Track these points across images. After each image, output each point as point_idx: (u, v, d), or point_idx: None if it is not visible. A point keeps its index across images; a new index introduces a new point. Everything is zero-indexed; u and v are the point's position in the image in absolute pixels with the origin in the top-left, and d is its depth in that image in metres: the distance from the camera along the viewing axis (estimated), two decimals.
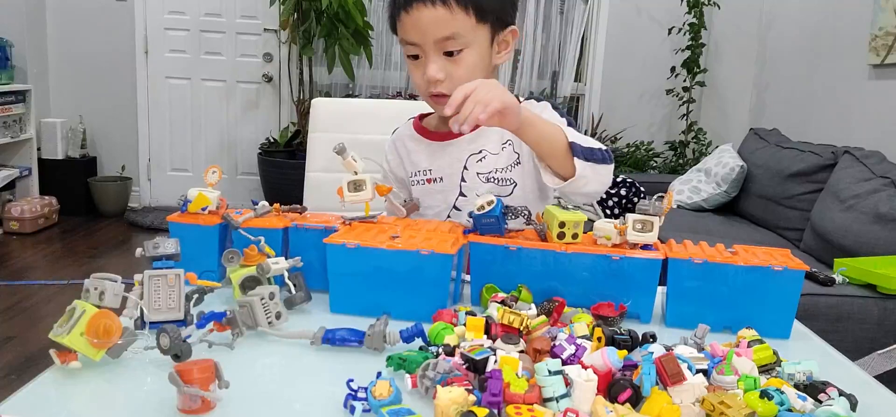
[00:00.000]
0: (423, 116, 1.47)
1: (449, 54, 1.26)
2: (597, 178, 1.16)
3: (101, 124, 5.05)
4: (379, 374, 0.74)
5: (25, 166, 4.62)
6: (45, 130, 4.78)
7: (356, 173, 1.08)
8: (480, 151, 1.37)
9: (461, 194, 1.36)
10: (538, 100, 1.38)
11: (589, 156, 1.15)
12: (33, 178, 4.67)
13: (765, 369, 0.81)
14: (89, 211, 4.90)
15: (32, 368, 2.64)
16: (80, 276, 3.66)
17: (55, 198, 4.65)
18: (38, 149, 4.74)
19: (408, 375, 0.76)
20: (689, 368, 0.75)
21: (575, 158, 1.13)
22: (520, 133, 1.14)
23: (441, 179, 1.37)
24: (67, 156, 4.87)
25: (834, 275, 2.30)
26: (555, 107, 1.35)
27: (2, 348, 2.82)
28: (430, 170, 1.38)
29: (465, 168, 1.36)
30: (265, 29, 4.95)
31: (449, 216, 1.37)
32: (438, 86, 1.26)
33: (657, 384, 0.72)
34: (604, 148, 1.20)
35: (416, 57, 1.29)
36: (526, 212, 1.38)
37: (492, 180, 1.35)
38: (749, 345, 0.84)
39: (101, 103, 5.00)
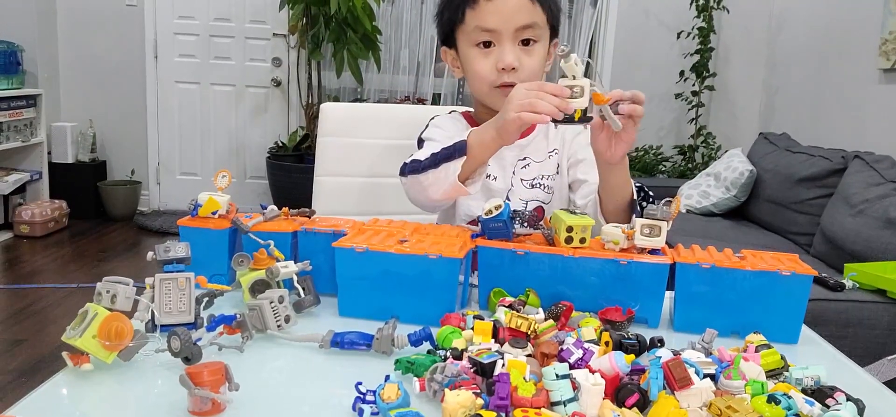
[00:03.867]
0: (466, 115, 1.47)
1: (525, 43, 1.29)
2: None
3: (111, 128, 5.08)
4: (387, 377, 0.74)
5: (36, 170, 4.65)
6: (56, 134, 4.82)
7: (574, 77, 1.03)
8: (525, 158, 1.39)
9: (507, 198, 1.37)
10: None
11: (638, 214, 1.20)
12: (44, 182, 4.71)
13: (772, 374, 0.81)
14: (99, 214, 4.93)
15: (43, 370, 2.66)
16: (89, 280, 3.68)
17: (65, 201, 4.68)
18: (49, 153, 4.78)
19: (416, 378, 0.77)
20: (697, 372, 0.75)
21: (633, 215, 1.19)
22: (618, 163, 1.16)
23: (495, 178, 1.39)
24: (77, 160, 4.91)
25: (844, 281, 2.29)
26: None
27: (12, 350, 2.84)
28: (488, 165, 1.38)
29: (513, 173, 1.39)
30: (274, 33, 4.98)
31: None
32: (511, 74, 1.28)
33: (664, 388, 0.73)
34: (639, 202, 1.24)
35: (487, 45, 1.30)
36: (534, 216, 1.39)
37: (537, 186, 1.38)
38: (757, 350, 0.84)
39: (111, 107, 5.04)
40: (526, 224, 1.36)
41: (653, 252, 1.01)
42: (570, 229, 1.01)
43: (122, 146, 5.13)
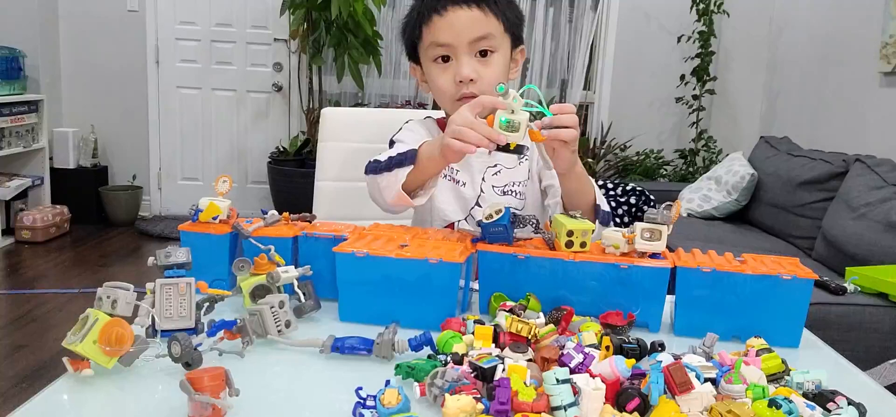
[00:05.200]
0: (440, 121, 1.49)
1: (482, 54, 1.30)
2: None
3: (113, 134, 5.08)
4: (388, 382, 0.74)
5: (38, 175, 4.66)
6: (58, 140, 4.82)
7: (513, 112, 1.02)
8: (496, 165, 1.41)
9: (477, 204, 1.38)
10: None
11: (605, 220, 1.24)
12: (45, 187, 4.71)
13: (773, 378, 0.81)
14: (100, 220, 4.93)
15: (43, 376, 2.66)
16: (91, 285, 3.68)
17: (67, 206, 4.69)
18: (51, 159, 4.77)
19: (416, 383, 0.76)
20: (698, 377, 0.75)
21: (596, 220, 1.23)
22: (570, 172, 1.19)
23: (465, 184, 1.40)
24: (79, 166, 4.91)
25: (845, 284, 2.29)
26: None
27: (13, 356, 2.84)
28: (457, 171, 1.41)
29: (482, 179, 1.40)
30: (275, 39, 4.98)
31: (465, 220, 1.39)
32: (470, 86, 1.29)
33: (665, 393, 0.72)
34: (609, 211, 1.28)
35: (445, 60, 1.31)
36: (534, 221, 1.39)
37: (509, 193, 1.39)
38: (758, 354, 0.84)
39: (113, 113, 5.04)
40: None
41: (653, 256, 1.01)
42: (570, 233, 1.01)
43: (123, 151, 5.13)
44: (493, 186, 1.40)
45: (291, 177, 4.58)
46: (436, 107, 1.50)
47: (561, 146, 1.10)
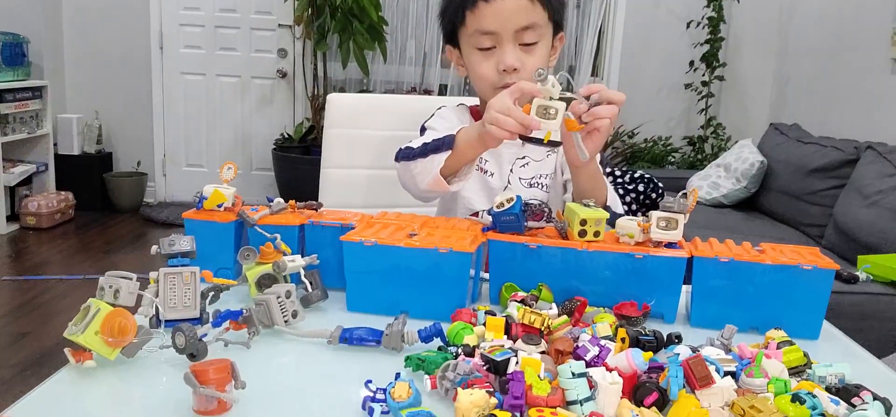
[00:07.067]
0: (473, 109, 1.47)
1: (525, 45, 1.28)
2: None
3: (117, 120, 5.07)
4: (398, 375, 0.72)
5: (42, 161, 4.65)
6: (62, 126, 4.81)
7: (550, 99, 1.01)
8: (524, 157, 1.39)
9: None
10: None
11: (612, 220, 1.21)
12: (50, 174, 4.71)
13: (795, 371, 0.79)
14: (105, 206, 4.93)
15: (47, 364, 2.66)
16: (95, 271, 3.68)
17: (71, 193, 4.68)
18: (55, 145, 4.77)
19: (427, 376, 0.74)
20: (717, 370, 0.72)
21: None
22: (583, 168, 1.17)
23: (492, 174, 1.39)
24: (83, 152, 4.90)
25: (857, 273, 2.27)
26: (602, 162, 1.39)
27: (17, 343, 2.83)
28: (486, 161, 1.39)
29: (510, 171, 1.39)
30: (280, 24, 4.95)
31: (488, 212, 1.37)
32: (514, 75, 1.27)
33: (685, 387, 0.70)
34: (622, 213, 1.26)
35: (488, 49, 1.30)
36: (546, 210, 1.37)
37: (535, 185, 1.38)
38: (778, 347, 0.81)
39: (117, 99, 5.03)
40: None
41: (669, 245, 0.99)
42: (583, 222, 0.99)
43: (127, 137, 5.12)
44: (520, 178, 1.38)
45: (296, 164, 4.57)
46: (442, 92, 1.50)
47: (596, 133, 1.09)
